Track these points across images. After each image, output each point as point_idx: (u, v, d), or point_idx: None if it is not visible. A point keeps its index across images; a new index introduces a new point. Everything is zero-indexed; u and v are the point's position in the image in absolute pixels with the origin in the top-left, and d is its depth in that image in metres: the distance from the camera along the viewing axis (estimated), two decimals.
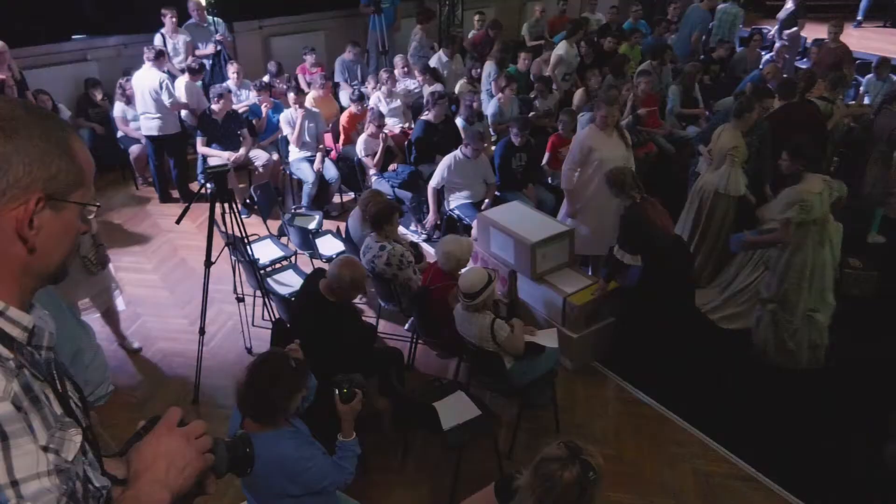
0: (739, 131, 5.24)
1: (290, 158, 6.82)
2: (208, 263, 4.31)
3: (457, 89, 7.75)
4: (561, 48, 8.40)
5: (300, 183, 6.80)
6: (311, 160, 6.69)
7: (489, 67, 8.02)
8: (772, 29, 10.30)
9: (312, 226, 5.68)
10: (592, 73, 7.71)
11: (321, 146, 6.78)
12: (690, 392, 4.53)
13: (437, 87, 7.48)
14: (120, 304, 4.84)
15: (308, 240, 5.38)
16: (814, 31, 10.02)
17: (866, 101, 7.98)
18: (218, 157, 6.49)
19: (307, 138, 6.70)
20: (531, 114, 7.46)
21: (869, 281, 5.39)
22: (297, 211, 6.26)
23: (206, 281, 4.35)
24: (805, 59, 9.52)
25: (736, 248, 5.10)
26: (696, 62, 8.35)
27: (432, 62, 8.36)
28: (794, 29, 9.62)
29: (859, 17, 11.66)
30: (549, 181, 6.60)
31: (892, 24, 11.72)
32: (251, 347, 4.79)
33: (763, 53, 9.30)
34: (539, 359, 4.00)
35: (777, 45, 9.21)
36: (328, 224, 6.21)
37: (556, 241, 4.83)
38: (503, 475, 3.65)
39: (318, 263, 5.58)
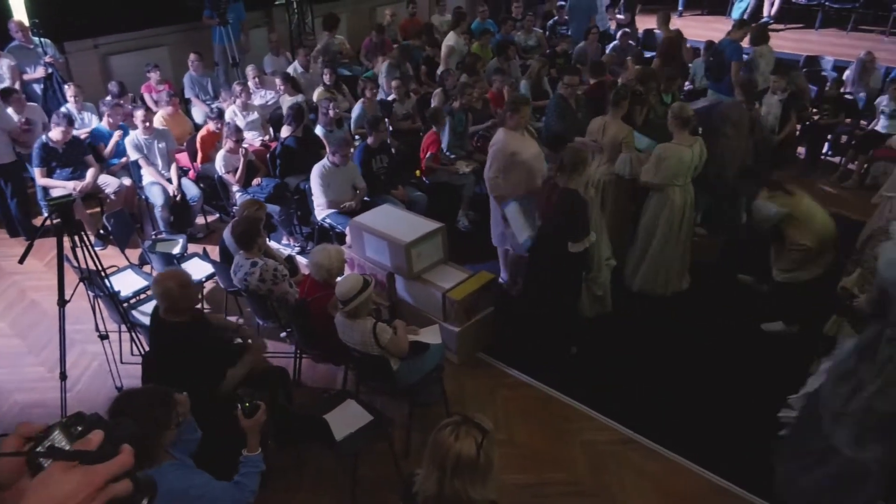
0: (619, 118, 5.51)
1: (144, 182, 6.45)
2: (62, 302, 4.00)
3: (315, 97, 7.67)
4: (451, 39, 8.98)
5: None
6: (167, 181, 6.38)
7: (384, 66, 8.28)
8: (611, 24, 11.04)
9: (176, 250, 5.42)
10: (450, 74, 7.88)
11: (176, 166, 6.48)
12: (568, 367, 4.78)
13: (299, 98, 7.37)
14: None
15: (173, 265, 5.12)
16: (643, 23, 10.87)
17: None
18: (62, 187, 6.02)
19: (159, 159, 6.38)
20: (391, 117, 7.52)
21: (712, 247, 5.95)
22: (158, 237, 5.94)
23: (62, 321, 4.03)
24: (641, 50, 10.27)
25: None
26: (542, 56, 8.79)
27: (288, 72, 8.22)
28: (623, 17, 10.42)
29: (680, 8, 12.78)
30: (426, 181, 6.68)
31: (709, 11, 12.93)
32: (122, 386, 4.50)
33: (604, 46, 9.93)
34: (424, 356, 4.07)
35: (619, 35, 9.85)
36: (194, 247, 5.94)
37: (429, 238, 4.90)
38: (401, 476, 3.71)
39: None
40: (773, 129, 6.86)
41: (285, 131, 6.57)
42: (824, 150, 8.18)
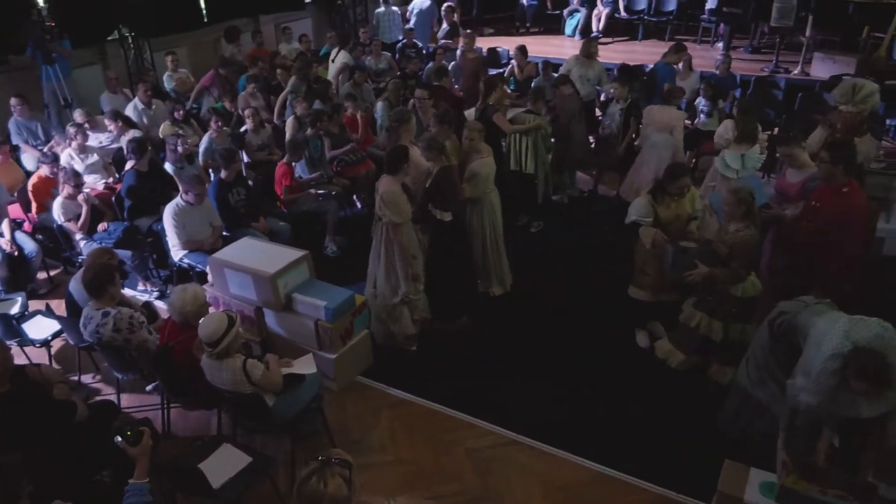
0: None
1: None
2: None
3: (161, 133, 7.31)
4: (343, 57, 9.47)
5: None
6: None
7: (293, 83, 8.29)
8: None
9: (15, 310, 4.96)
10: (298, 102, 7.79)
11: (8, 219, 5.92)
12: (445, 378, 4.87)
13: (134, 132, 6.99)
14: None
15: (12, 327, 4.68)
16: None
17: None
18: None
19: None
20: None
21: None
22: None
23: None
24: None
25: None
26: (396, 79, 8.93)
27: (128, 111, 7.78)
28: (450, 41, 10.93)
29: (517, 22, 13.53)
30: (285, 211, 6.54)
31: (545, 30, 13.74)
32: None
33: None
34: (301, 388, 3.97)
35: (459, 55, 10.21)
36: (35, 304, 5.45)
37: (294, 267, 4.81)
38: None
39: (30, 351, 4.90)
40: (615, 137, 7.38)
41: (129, 167, 6.21)
42: None
